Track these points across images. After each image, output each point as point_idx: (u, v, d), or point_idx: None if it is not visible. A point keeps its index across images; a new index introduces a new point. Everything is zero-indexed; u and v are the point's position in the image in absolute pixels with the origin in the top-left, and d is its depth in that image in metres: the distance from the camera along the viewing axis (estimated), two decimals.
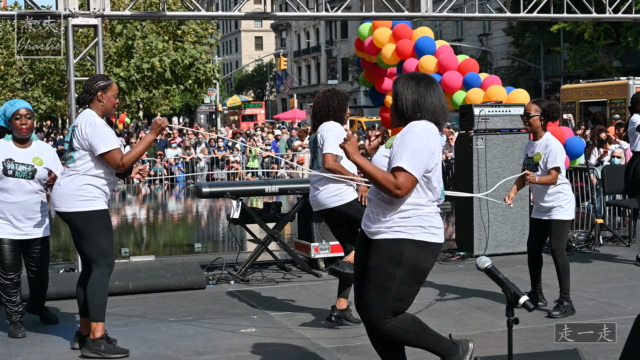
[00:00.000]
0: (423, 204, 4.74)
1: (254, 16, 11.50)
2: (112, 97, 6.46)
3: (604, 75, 36.74)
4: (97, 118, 6.34)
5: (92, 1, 9.70)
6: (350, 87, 71.16)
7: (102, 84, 6.41)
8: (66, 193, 6.30)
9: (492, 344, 6.50)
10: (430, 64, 12.54)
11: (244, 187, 10.10)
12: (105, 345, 6.27)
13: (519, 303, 4.19)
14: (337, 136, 6.85)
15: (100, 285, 6.32)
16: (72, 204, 6.29)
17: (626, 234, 11.60)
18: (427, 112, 4.76)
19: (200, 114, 68.85)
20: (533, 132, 7.52)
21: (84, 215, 6.28)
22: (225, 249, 13.90)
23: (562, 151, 7.46)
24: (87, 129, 6.26)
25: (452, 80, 12.38)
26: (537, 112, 7.45)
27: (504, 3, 11.90)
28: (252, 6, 38.63)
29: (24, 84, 45.31)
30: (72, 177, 6.33)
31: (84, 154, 6.29)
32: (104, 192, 6.38)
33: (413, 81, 4.81)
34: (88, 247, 6.34)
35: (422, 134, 4.69)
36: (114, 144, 6.27)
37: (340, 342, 6.65)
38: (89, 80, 6.49)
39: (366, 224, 4.84)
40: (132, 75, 39.42)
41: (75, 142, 6.32)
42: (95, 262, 6.33)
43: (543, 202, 7.47)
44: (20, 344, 6.74)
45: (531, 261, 7.75)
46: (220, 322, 7.35)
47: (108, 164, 6.27)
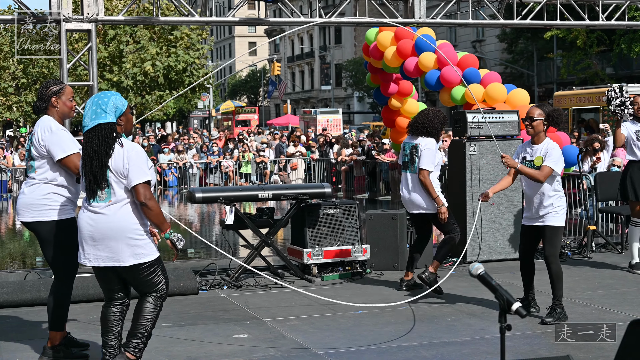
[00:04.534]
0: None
1: (248, 22, 11.51)
2: (67, 101, 6.39)
3: (597, 82, 36.83)
4: (54, 124, 6.28)
5: (85, 6, 9.69)
6: (344, 93, 71.23)
7: (55, 89, 6.36)
8: (31, 202, 6.25)
9: (485, 351, 6.50)
10: (429, 60, 12.52)
11: (237, 192, 10.09)
12: (64, 351, 6.31)
13: (512, 309, 4.20)
14: (433, 154, 8.64)
15: (60, 295, 6.32)
16: (37, 213, 6.24)
17: (619, 240, 11.61)
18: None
19: (194, 119, 68.81)
20: (534, 136, 7.50)
21: (48, 225, 6.24)
22: (218, 254, 13.87)
23: (562, 159, 7.46)
24: (44, 135, 6.21)
25: (450, 75, 12.31)
26: (540, 116, 7.42)
27: (498, 10, 11.93)
28: (246, 12, 38.62)
29: (17, 88, 45.22)
30: (35, 186, 6.27)
31: (43, 162, 6.24)
32: (70, 200, 6.33)
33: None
34: (52, 257, 6.31)
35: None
36: (72, 148, 6.21)
37: (332, 347, 6.65)
38: (41, 87, 6.44)
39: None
40: (123, 81, 39.38)
41: (33, 150, 6.27)
42: (57, 272, 6.33)
43: (535, 209, 7.46)
44: (14, 349, 6.73)
45: (523, 268, 7.74)
46: (213, 328, 7.34)
47: (68, 169, 6.21)
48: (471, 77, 12.28)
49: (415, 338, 6.92)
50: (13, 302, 8.22)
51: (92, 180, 5.49)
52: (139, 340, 5.70)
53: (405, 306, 8.08)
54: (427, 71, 12.47)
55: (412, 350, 6.54)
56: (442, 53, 11.90)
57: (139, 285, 5.68)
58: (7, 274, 10.07)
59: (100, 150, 5.47)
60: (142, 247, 5.55)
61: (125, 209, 5.52)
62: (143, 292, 5.70)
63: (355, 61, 62.16)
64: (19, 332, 7.28)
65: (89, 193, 5.54)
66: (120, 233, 5.48)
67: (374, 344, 6.73)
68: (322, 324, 7.47)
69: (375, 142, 24.78)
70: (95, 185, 5.49)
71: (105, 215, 5.50)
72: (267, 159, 27.80)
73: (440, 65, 12.39)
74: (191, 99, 45.32)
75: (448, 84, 12.25)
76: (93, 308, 8.05)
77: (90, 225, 5.53)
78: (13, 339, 7.05)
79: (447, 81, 12.23)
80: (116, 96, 5.65)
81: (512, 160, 7.41)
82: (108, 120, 5.53)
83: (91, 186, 5.51)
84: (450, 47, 12.86)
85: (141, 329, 5.68)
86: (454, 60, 12.44)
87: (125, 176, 5.48)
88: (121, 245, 5.49)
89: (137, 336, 5.69)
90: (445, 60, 12.10)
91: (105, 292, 5.77)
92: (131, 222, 5.52)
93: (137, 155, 5.54)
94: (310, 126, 42.14)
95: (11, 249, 15.40)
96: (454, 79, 12.18)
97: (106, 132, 5.50)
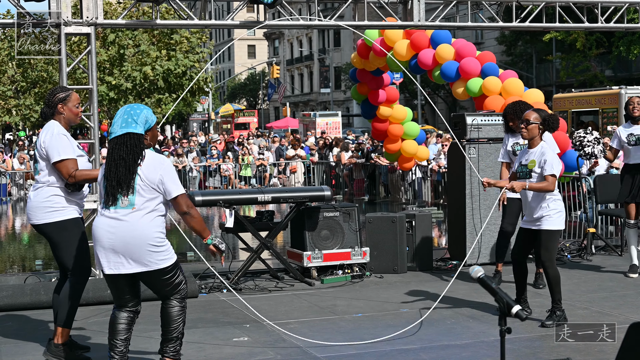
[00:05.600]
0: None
1: (247, 25, 11.50)
2: (74, 107, 6.53)
3: (596, 85, 36.83)
4: (57, 128, 6.41)
5: (85, 10, 9.68)
6: (343, 95, 71.23)
7: (61, 95, 6.50)
8: (36, 206, 6.38)
9: (485, 354, 6.51)
10: (447, 51, 12.79)
11: (237, 195, 10.09)
12: (67, 352, 6.34)
13: (512, 312, 4.20)
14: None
15: (73, 293, 6.38)
16: (42, 216, 6.36)
17: (618, 243, 11.62)
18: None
19: (193, 122, 68.80)
20: (529, 140, 7.51)
21: (55, 226, 6.35)
22: (217, 257, 13.86)
23: (558, 160, 7.46)
24: (45, 137, 6.36)
25: (470, 66, 12.64)
26: (536, 120, 7.43)
27: (497, 12, 11.93)
28: (245, 15, 38.72)
29: (16, 91, 45.22)
30: (39, 189, 6.40)
31: (44, 164, 6.38)
32: (74, 201, 6.42)
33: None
34: (63, 256, 6.40)
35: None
36: (69, 153, 6.31)
37: (332, 350, 6.65)
38: (49, 93, 6.56)
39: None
40: (122, 84, 39.36)
41: (37, 154, 6.42)
42: (71, 271, 6.39)
43: (533, 212, 7.47)
44: (13, 352, 6.72)
45: (516, 271, 7.72)
46: (213, 331, 7.34)
47: (60, 172, 6.29)
48: (489, 71, 12.80)
49: (415, 341, 6.92)
50: (13, 306, 8.22)
51: (116, 185, 5.50)
52: (175, 344, 5.79)
53: (405, 309, 8.09)
54: (444, 62, 12.81)
55: (412, 354, 6.54)
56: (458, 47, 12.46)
57: (162, 289, 5.73)
58: (7, 277, 10.06)
59: (129, 157, 5.50)
60: (164, 252, 5.61)
61: (148, 217, 5.55)
62: (165, 296, 5.75)
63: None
64: (18, 336, 7.27)
65: (109, 198, 5.54)
66: (142, 240, 5.51)
67: (373, 347, 6.73)
68: (321, 326, 7.47)
69: (374, 145, 24.79)
70: (119, 191, 5.50)
71: (128, 222, 5.51)
72: (266, 162, 27.79)
73: (458, 57, 12.70)
74: (190, 102, 45.25)
75: (466, 75, 12.66)
76: (92, 311, 8.06)
77: (110, 233, 5.52)
78: (13, 342, 7.06)
79: (466, 72, 12.65)
80: (148, 110, 5.73)
81: (518, 184, 7.39)
82: (137, 131, 5.58)
83: (113, 191, 5.51)
84: (467, 42, 13.25)
85: (175, 333, 5.77)
86: (473, 53, 12.86)
87: (157, 186, 5.53)
88: (143, 251, 5.52)
89: (172, 340, 5.78)
90: (464, 51, 12.51)
91: (117, 299, 5.77)
92: (153, 229, 5.55)
93: (171, 167, 5.65)
94: (310, 129, 42.17)
95: (11, 253, 15.39)
96: (474, 70, 12.54)
97: (134, 141, 5.54)
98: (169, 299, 5.75)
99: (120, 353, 5.68)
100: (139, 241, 5.50)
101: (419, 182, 21.85)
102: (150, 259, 5.54)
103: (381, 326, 7.42)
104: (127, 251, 5.51)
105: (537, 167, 7.36)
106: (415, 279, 9.73)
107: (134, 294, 5.76)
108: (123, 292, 5.71)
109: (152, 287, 5.79)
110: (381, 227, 10.11)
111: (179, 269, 5.78)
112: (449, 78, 13.05)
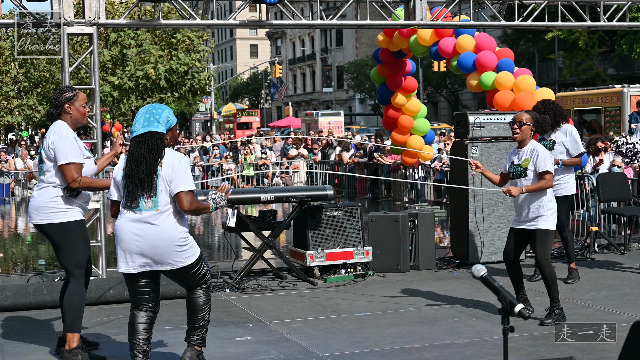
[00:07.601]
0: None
1: (249, 24, 11.50)
2: (80, 107, 6.49)
3: (599, 83, 36.82)
4: (66, 129, 6.36)
5: (87, 10, 9.68)
6: (345, 95, 71.24)
7: (68, 95, 6.46)
8: (39, 205, 6.35)
9: (488, 352, 6.50)
10: (468, 43, 13.11)
11: (239, 195, 10.08)
12: (82, 354, 6.30)
13: (515, 311, 4.20)
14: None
15: (76, 296, 6.35)
16: (45, 216, 6.33)
17: (621, 241, 11.61)
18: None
19: (195, 122, 68.85)
20: (520, 140, 7.57)
21: (58, 227, 6.32)
22: (220, 257, 13.89)
23: (549, 155, 7.51)
24: (53, 138, 6.30)
25: (486, 59, 12.94)
26: (529, 121, 7.51)
27: (499, 11, 11.92)
28: (247, 14, 38.69)
29: (19, 92, 45.26)
30: (44, 189, 6.37)
31: (51, 165, 6.33)
32: (78, 203, 6.40)
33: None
34: (64, 258, 6.38)
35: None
36: (76, 158, 6.27)
37: (335, 350, 6.65)
38: (55, 93, 6.53)
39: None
40: (125, 84, 39.40)
41: (43, 154, 6.37)
42: (72, 273, 6.37)
43: (526, 212, 7.47)
44: (16, 352, 6.73)
45: (510, 271, 7.72)
46: (216, 331, 7.34)
47: (64, 175, 6.25)
48: (505, 67, 13.21)
49: (418, 340, 6.92)
50: (16, 306, 8.23)
51: (138, 184, 5.51)
52: (201, 331, 5.89)
53: (407, 308, 8.09)
54: (463, 52, 13.08)
55: (415, 352, 6.54)
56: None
57: (188, 282, 5.81)
58: (10, 277, 10.08)
59: (149, 156, 5.51)
60: (189, 250, 5.67)
61: (172, 218, 5.59)
62: (192, 287, 5.83)
63: (357, 63, 62.14)
64: (21, 336, 7.28)
65: (130, 198, 5.53)
66: (169, 242, 5.56)
67: (376, 347, 6.73)
68: (324, 326, 7.47)
69: (377, 144, 24.76)
70: (140, 191, 5.50)
71: (156, 226, 5.53)
72: (269, 161, 27.79)
73: (477, 49, 12.98)
74: (192, 102, 45.30)
75: (482, 67, 12.98)
76: (95, 311, 8.07)
77: (137, 236, 5.53)
78: (16, 342, 7.06)
79: (482, 65, 13.03)
80: (170, 110, 5.75)
81: (515, 189, 7.44)
82: (159, 130, 5.60)
83: (135, 190, 5.52)
84: (489, 36, 13.81)
85: (201, 322, 5.87)
86: (492, 47, 13.18)
87: (171, 182, 5.55)
88: (170, 252, 5.57)
89: (198, 329, 5.87)
90: (483, 44, 12.82)
91: (136, 300, 5.75)
92: (178, 230, 5.60)
93: (186, 164, 5.65)
94: (312, 128, 42.18)
95: (14, 252, 15.41)
96: (490, 64, 12.87)
97: (156, 140, 5.55)
98: (195, 289, 5.82)
99: (143, 352, 5.67)
100: (166, 242, 5.55)
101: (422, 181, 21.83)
102: (177, 258, 5.59)
103: (384, 325, 7.43)
104: (154, 253, 5.54)
105: (531, 165, 7.42)
106: (418, 278, 9.73)
107: (154, 294, 5.76)
108: (143, 292, 5.69)
109: (178, 281, 5.86)
110: (384, 226, 10.11)
111: (203, 260, 5.84)
112: (466, 69, 13.36)
